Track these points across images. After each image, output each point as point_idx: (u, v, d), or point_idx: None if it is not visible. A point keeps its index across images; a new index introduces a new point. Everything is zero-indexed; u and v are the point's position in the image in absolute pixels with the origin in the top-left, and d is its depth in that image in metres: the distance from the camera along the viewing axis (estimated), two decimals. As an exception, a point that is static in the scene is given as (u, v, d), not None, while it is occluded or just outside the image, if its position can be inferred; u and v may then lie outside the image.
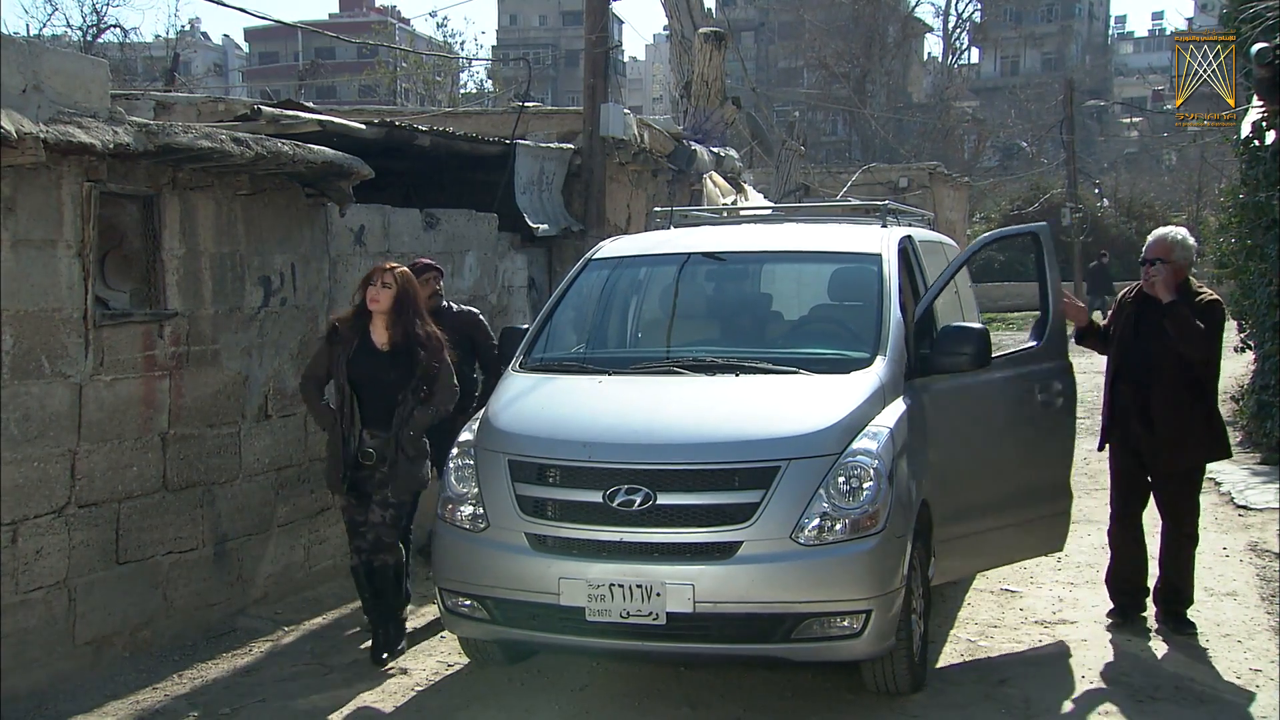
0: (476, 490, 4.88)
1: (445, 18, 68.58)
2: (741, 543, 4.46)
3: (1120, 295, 6.05)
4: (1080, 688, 5.12)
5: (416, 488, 5.63)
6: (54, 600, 5.19)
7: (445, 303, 6.52)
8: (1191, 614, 6.06)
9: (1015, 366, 5.85)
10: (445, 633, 5.64)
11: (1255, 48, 8.83)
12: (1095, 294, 25.07)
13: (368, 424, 5.43)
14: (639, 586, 4.47)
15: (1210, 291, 5.68)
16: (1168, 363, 5.56)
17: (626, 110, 10.60)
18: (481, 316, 6.71)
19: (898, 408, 4.98)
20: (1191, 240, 5.66)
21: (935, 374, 5.31)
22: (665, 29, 17.29)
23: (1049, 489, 5.90)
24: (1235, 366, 15.71)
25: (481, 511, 4.83)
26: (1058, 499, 5.96)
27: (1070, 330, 6.11)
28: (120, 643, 5.53)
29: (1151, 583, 5.91)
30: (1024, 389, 5.82)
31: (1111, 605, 5.96)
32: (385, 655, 5.52)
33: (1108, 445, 5.92)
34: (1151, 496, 5.84)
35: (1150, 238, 5.75)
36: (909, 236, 6.06)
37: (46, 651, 5.15)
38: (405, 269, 5.62)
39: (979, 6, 55.27)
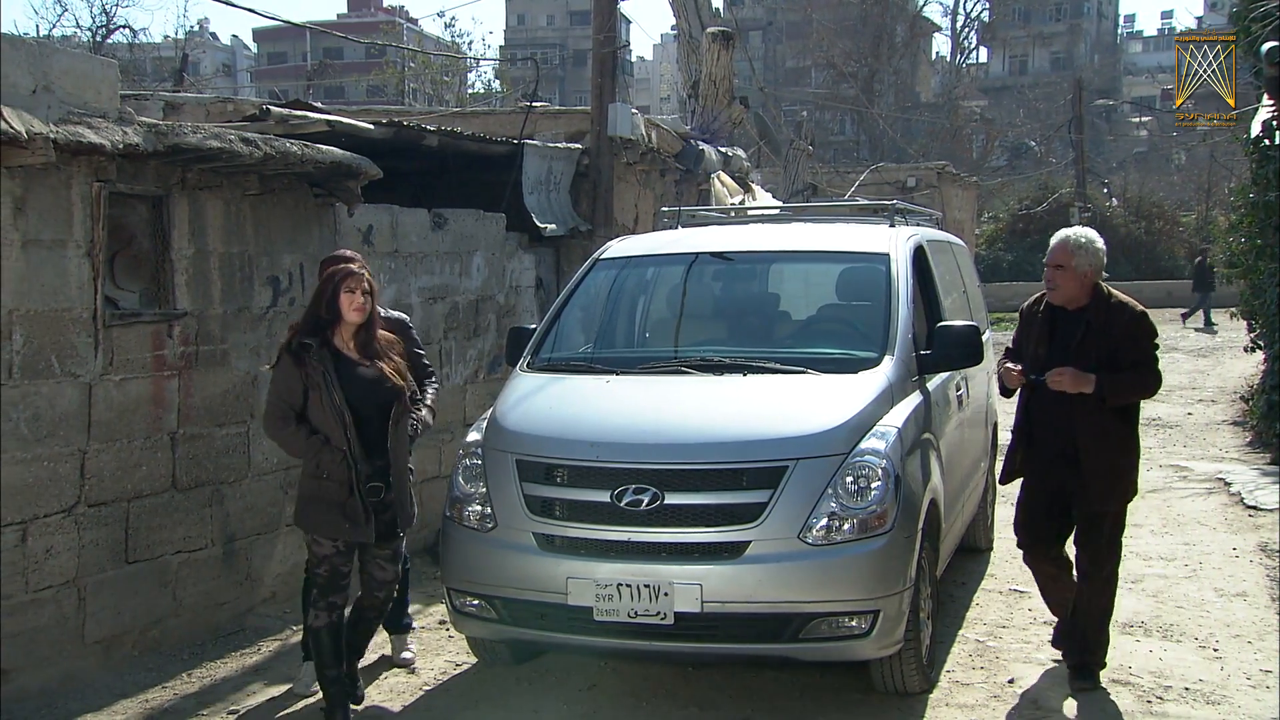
0: (484, 490, 4.87)
1: (453, 18, 68.93)
2: (749, 542, 4.45)
3: (1026, 305, 5.28)
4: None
5: (412, 523, 4.87)
6: (64, 599, 5.20)
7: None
8: (1200, 615, 6.05)
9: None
10: (453, 632, 5.64)
11: (1266, 46, 8.80)
12: (1201, 291, 24.63)
13: (367, 453, 4.61)
14: (647, 586, 4.46)
15: (1126, 297, 5.01)
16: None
17: (634, 110, 10.59)
18: (411, 323, 5.55)
19: (906, 407, 4.99)
20: (1099, 242, 4.97)
21: (932, 373, 5.40)
22: (673, 29, 17.30)
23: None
24: (1245, 366, 15.70)
25: (489, 511, 4.83)
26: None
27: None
28: (130, 641, 5.54)
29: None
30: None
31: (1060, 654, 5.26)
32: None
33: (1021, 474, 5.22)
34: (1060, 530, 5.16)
35: (1053, 240, 5.04)
36: (917, 236, 6.06)
37: (56, 650, 5.16)
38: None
39: (987, 6, 55.16)
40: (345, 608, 4.76)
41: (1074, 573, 5.15)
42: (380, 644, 5.63)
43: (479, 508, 4.86)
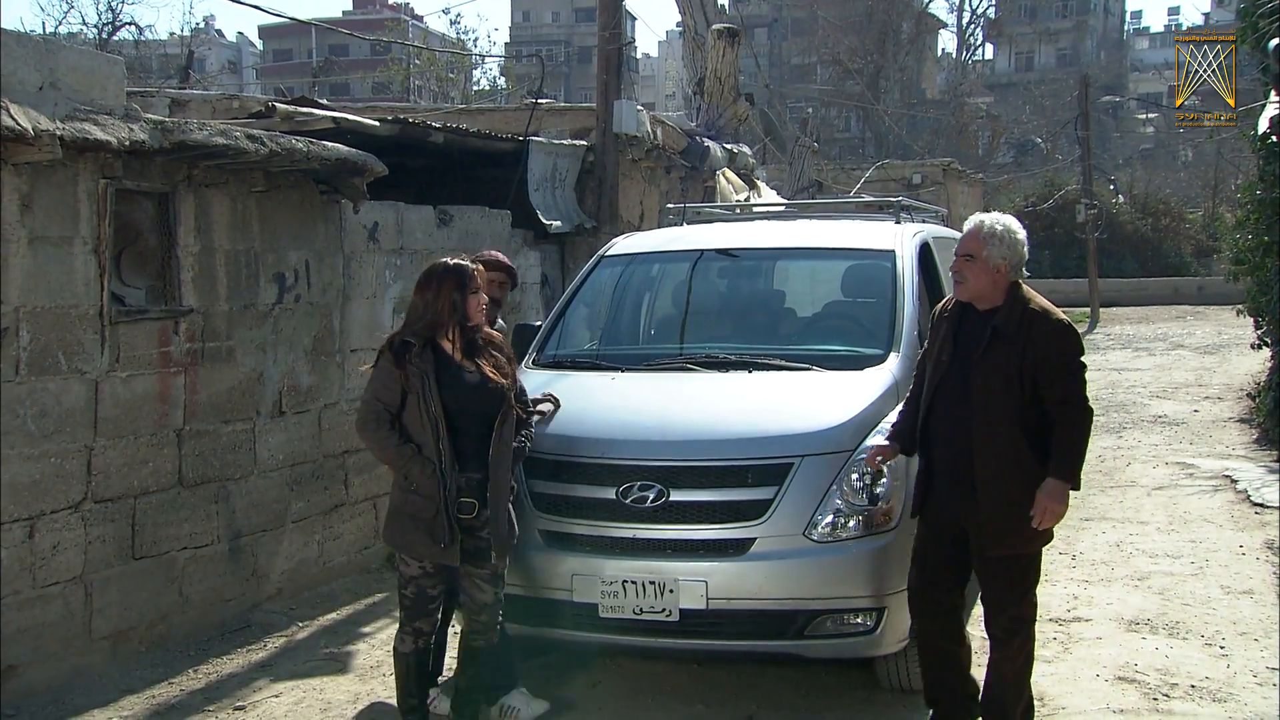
0: (490, 487, 4.87)
1: (458, 15, 68.82)
2: (755, 539, 4.45)
3: (939, 306, 4.48)
4: (1095, 686, 5.09)
5: (512, 542, 4.38)
6: (71, 595, 5.22)
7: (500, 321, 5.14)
8: (1207, 612, 6.03)
9: None
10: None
11: (1273, 43, 8.79)
12: None
13: (463, 466, 4.20)
14: (652, 583, 4.46)
15: (1046, 303, 4.13)
16: (997, 394, 4.00)
17: (640, 107, 10.61)
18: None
19: (912, 405, 4.97)
20: (1019, 233, 4.11)
21: None
22: (678, 25, 17.31)
23: None
24: (1251, 363, 15.66)
25: (495, 508, 4.82)
26: None
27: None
28: (136, 638, 5.56)
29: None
30: None
31: None
32: None
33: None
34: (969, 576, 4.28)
35: (965, 226, 4.23)
36: (923, 233, 6.05)
37: (64, 646, 5.18)
38: None
39: (993, 2, 55.09)
40: (433, 635, 4.48)
41: (967, 653, 4.37)
42: (386, 640, 5.64)
43: (484, 504, 4.86)
